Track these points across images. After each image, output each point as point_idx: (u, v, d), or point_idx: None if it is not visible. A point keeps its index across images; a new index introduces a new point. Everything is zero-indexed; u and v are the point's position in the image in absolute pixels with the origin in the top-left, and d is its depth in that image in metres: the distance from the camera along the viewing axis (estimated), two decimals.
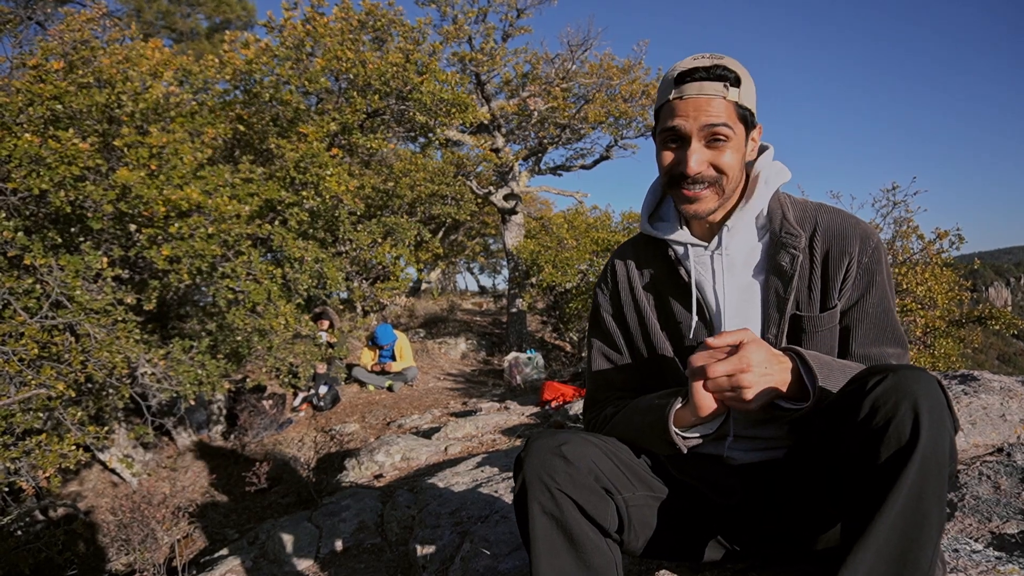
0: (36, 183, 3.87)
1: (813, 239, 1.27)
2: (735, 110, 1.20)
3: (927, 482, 0.90)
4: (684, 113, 1.20)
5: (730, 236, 1.30)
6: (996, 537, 1.53)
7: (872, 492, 0.93)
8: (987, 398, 2.23)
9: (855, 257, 1.24)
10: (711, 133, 1.19)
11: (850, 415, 0.99)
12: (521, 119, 11.61)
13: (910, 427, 0.91)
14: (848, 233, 1.26)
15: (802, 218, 1.30)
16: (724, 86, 1.19)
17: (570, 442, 1.19)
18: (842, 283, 1.25)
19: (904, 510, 0.90)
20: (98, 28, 5.17)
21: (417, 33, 6.67)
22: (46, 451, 3.92)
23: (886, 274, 1.26)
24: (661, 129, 1.25)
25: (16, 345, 3.73)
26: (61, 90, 4.21)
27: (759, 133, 1.31)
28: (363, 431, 6.60)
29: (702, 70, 1.19)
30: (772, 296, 1.28)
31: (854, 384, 1.02)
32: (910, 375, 0.95)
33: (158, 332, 5.34)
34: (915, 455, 0.90)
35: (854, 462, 0.98)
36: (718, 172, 1.22)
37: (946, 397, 0.95)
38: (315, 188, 5.24)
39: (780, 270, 1.27)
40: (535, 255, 10.45)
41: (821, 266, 1.26)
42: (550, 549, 1.15)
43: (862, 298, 1.25)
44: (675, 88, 1.21)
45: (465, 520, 2.62)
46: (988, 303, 8.99)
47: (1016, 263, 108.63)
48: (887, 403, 0.94)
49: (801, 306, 1.27)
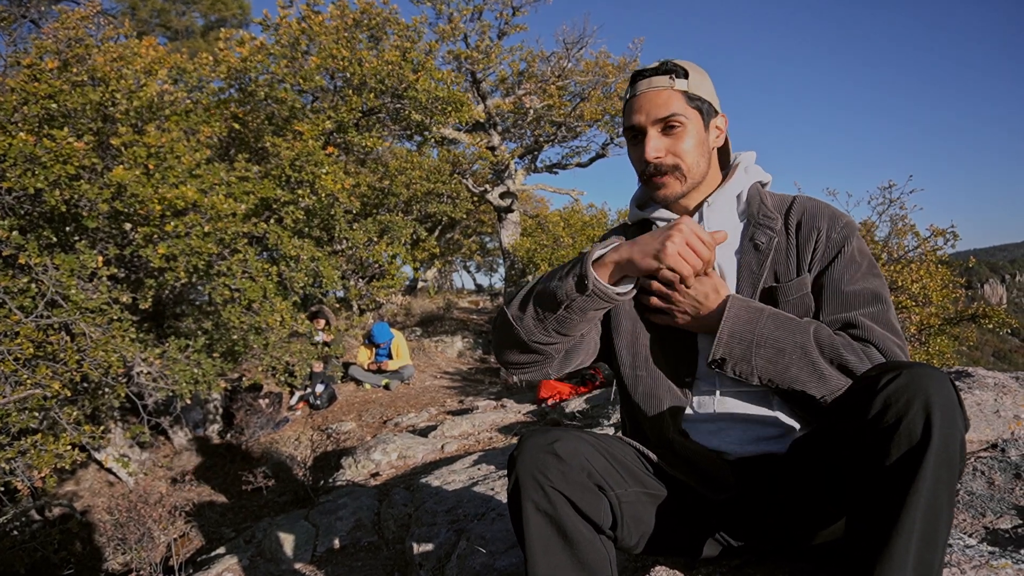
0: (31, 182, 3.85)
1: (788, 217, 1.36)
2: (684, 99, 1.31)
3: (939, 482, 0.90)
4: (638, 109, 1.33)
5: (711, 211, 1.39)
6: (990, 532, 1.54)
7: (885, 492, 0.93)
8: (981, 394, 2.25)
9: (823, 231, 1.32)
10: (665, 123, 1.31)
11: (860, 412, 0.99)
12: (517, 117, 11.61)
13: (922, 426, 0.91)
14: (819, 212, 1.35)
15: (779, 204, 1.39)
16: (670, 78, 1.31)
17: (562, 439, 1.19)
18: (812, 255, 1.31)
19: (924, 513, 0.90)
20: (92, 26, 5.15)
21: (413, 31, 6.67)
22: (42, 451, 3.91)
23: (856, 249, 1.30)
24: (624, 129, 1.38)
25: (11, 344, 3.71)
26: (56, 88, 4.19)
27: (724, 123, 1.41)
28: (359, 430, 6.60)
29: (651, 69, 1.34)
30: (746, 271, 1.35)
31: (864, 381, 1.02)
32: (923, 373, 0.95)
33: (154, 331, 5.33)
34: (928, 455, 0.90)
35: (862, 459, 0.98)
36: (676, 157, 1.32)
37: (957, 396, 0.95)
38: (311, 186, 5.23)
39: (756, 247, 1.35)
40: (531, 253, 10.45)
41: (795, 240, 1.34)
42: (544, 546, 1.15)
43: (828, 267, 1.30)
44: (630, 88, 1.36)
45: (461, 518, 2.63)
46: (983, 300, 9.03)
47: (1011, 260, 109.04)
48: (899, 401, 0.94)
49: (779, 277, 1.33)
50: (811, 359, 1.20)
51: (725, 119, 1.41)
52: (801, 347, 1.20)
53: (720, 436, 1.34)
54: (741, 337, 1.23)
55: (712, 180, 1.40)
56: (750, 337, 1.22)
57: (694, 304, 1.28)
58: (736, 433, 1.33)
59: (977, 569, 1.21)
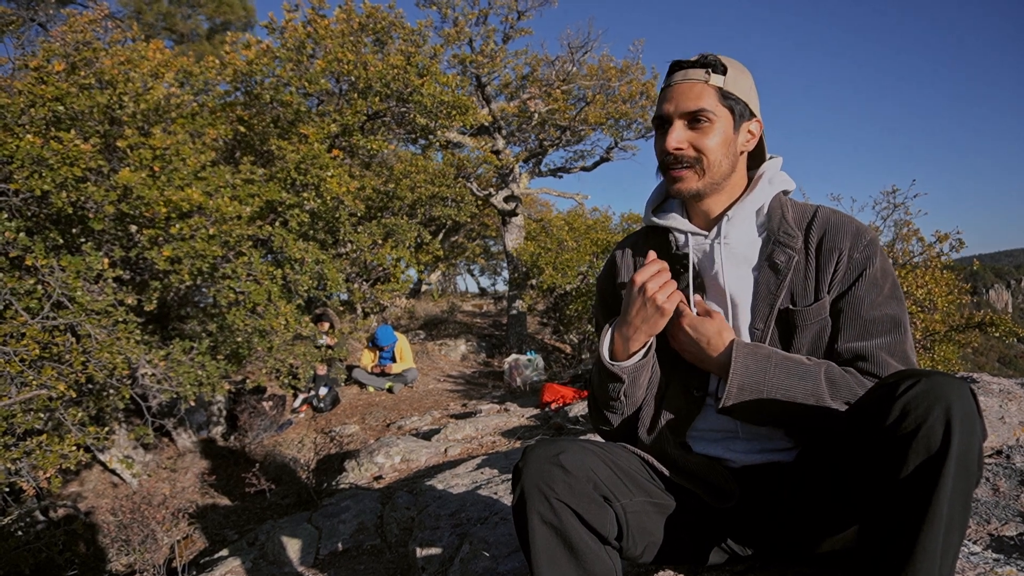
0: (38, 184, 3.87)
1: (809, 234, 1.30)
2: (717, 95, 1.27)
3: (956, 491, 0.90)
4: (669, 99, 1.30)
5: (730, 226, 1.34)
6: (995, 539, 1.53)
7: (904, 501, 0.93)
8: (986, 400, 2.24)
9: (846, 251, 1.27)
10: (692, 116, 1.27)
11: (878, 418, 0.97)
12: (521, 121, 11.63)
13: (941, 434, 0.90)
14: (842, 229, 1.29)
15: (800, 218, 1.33)
16: (706, 72, 1.28)
17: (567, 451, 1.19)
18: (832, 276, 1.27)
19: (945, 523, 0.89)
20: (100, 29, 5.18)
21: (418, 35, 6.69)
22: (47, 452, 3.92)
23: (880, 270, 1.26)
24: (654, 119, 1.35)
25: (17, 345, 3.73)
26: (63, 91, 4.21)
27: (758, 128, 1.36)
28: (363, 432, 6.60)
29: (689, 61, 1.30)
30: (763, 290, 1.31)
31: (883, 388, 1.01)
32: (943, 381, 0.94)
33: (158, 333, 5.34)
34: (948, 464, 0.89)
35: (878, 466, 0.97)
36: (698, 152, 1.29)
37: (977, 404, 0.94)
38: (316, 189, 5.24)
39: (775, 267, 1.30)
40: (535, 257, 10.45)
41: (815, 259, 1.29)
42: (550, 559, 1.15)
43: (849, 289, 1.26)
44: (666, 77, 1.33)
45: (464, 522, 2.62)
46: (988, 306, 8.99)
47: (1016, 265, 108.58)
48: (918, 408, 0.92)
49: (796, 300, 1.29)
50: (824, 405, 1.18)
51: (760, 124, 1.36)
52: (814, 395, 1.19)
53: (725, 445, 1.33)
54: (751, 389, 1.21)
55: (736, 186, 1.36)
56: (760, 389, 1.21)
57: (699, 346, 1.28)
58: (741, 444, 1.33)
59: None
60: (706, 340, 1.26)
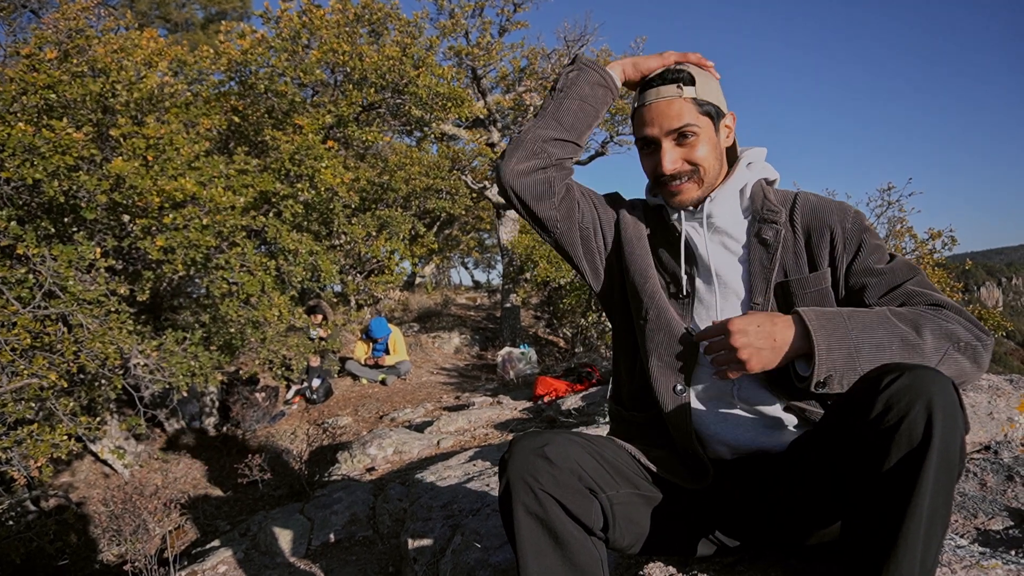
0: (29, 172, 3.85)
1: (793, 213, 1.35)
2: (695, 106, 1.33)
3: (939, 483, 0.91)
4: (650, 121, 1.34)
5: (713, 206, 1.38)
6: (981, 533, 1.55)
7: (886, 493, 0.94)
8: (975, 396, 2.26)
9: (837, 226, 1.31)
10: (678, 133, 1.32)
11: (861, 412, 0.99)
12: (517, 114, 11.59)
13: (923, 427, 0.91)
14: (825, 208, 1.34)
15: (783, 199, 1.39)
16: (678, 86, 1.33)
17: (552, 443, 1.20)
18: (830, 252, 1.31)
19: (927, 515, 0.91)
20: (93, 17, 5.13)
21: (414, 27, 6.66)
22: (38, 441, 3.91)
23: (873, 236, 1.31)
24: (636, 139, 1.40)
25: (9, 335, 3.71)
26: (55, 79, 4.18)
27: (732, 120, 1.42)
28: (356, 424, 6.60)
29: (657, 77, 1.36)
30: (757, 266, 1.34)
31: (866, 382, 1.02)
32: (925, 374, 0.95)
33: (151, 323, 5.32)
34: (929, 457, 0.90)
35: (862, 459, 0.99)
36: (693, 165, 1.34)
37: (959, 398, 0.95)
38: (310, 180, 5.22)
39: (764, 242, 1.34)
40: (529, 250, 10.46)
41: (804, 238, 1.33)
42: (536, 549, 1.16)
43: (856, 256, 1.29)
44: (639, 97, 1.38)
45: (456, 513, 2.63)
46: (979, 303, 9.05)
47: (1008, 263, 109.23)
48: (900, 401, 0.94)
49: (789, 273, 1.33)
50: (910, 344, 1.12)
51: (733, 116, 1.42)
52: (899, 336, 1.12)
53: (719, 423, 1.34)
54: (840, 349, 1.12)
55: (720, 174, 1.41)
56: (848, 345, 1.12)
57: (758, 338, 1.14)
58: (733, 421, 1.34)
59: (968, 569, 1.22)
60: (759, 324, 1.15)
